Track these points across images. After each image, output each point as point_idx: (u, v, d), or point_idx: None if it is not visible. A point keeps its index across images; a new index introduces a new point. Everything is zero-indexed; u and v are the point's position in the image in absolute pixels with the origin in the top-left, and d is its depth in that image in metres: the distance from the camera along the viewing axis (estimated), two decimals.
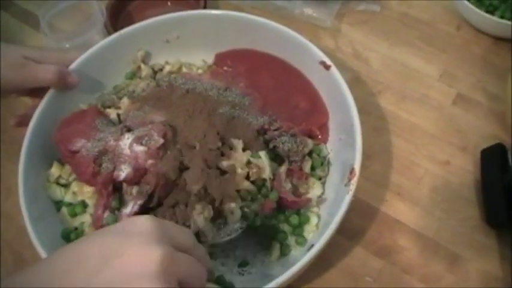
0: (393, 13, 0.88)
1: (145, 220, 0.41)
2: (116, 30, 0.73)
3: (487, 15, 0.79)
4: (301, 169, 0.64)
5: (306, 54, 0.68)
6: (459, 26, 0.85)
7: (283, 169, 0.63)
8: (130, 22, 0.75)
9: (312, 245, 0.54)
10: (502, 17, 0.80)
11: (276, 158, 0.64)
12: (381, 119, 0.76)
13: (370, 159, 0.71)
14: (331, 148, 0.68)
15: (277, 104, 0.70)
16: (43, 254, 0.54)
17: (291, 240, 0.62)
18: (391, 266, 0.64)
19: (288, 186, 0.62)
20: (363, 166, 0.58)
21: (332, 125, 0.68)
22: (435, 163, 0.72)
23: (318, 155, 0.67)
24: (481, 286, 0.62)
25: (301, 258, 0.52)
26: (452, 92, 0.78)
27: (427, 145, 0.73)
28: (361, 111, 0.61)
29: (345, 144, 0.64)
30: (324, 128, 0.68)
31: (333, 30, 0.86)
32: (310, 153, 0.66)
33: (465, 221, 0.67)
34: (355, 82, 0.79)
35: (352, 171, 0.58)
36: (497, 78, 0.78)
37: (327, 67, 0.66)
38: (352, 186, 0.57)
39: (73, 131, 0.63)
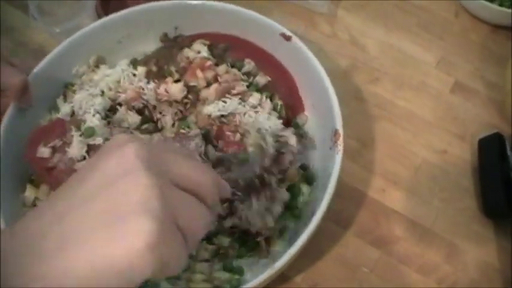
0: None
1: (132, 150, 0.34)
2: (107, 14, 0.71)
3: (486, 3, 0.78)
4: None
5: (265, 29, 0.67)
6: (457, 13, 0.84)
7: None
8: (123, 6, 0.73)
9: (312, 214, 0.53)
10: (500, 5, 0.79)
11: None
12: (378, 106, 0.74)
13: (367, 148, 0.70)
14: (307, 118, 0.68)
15: None
16: None
17: (287, 215, 0.60)
18: (388, 256, 0.63)
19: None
20: (359, 154, 0.57)
21: (304, 94, 0.68)
22: (432, 152, 0.71)
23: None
24: (478, 277, 0.61)
25: (302, 231, 0.51)
26: (450, 79, 0.77)
27: (424, 133, 0.72)
28: (357, 98, 0.60)
29: (320, 110, 0.64)
30: (297, 97, 0.68)
31: (329, 15, 0.84)
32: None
33: (463, 211, 0.66)
34: (352, 69, 0.78)
35: (336, 132, 0.58)
36: (495, 67, 0.77)
37: (288, 38, 0.65)
38: (340, 147, 0.57)
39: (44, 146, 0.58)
